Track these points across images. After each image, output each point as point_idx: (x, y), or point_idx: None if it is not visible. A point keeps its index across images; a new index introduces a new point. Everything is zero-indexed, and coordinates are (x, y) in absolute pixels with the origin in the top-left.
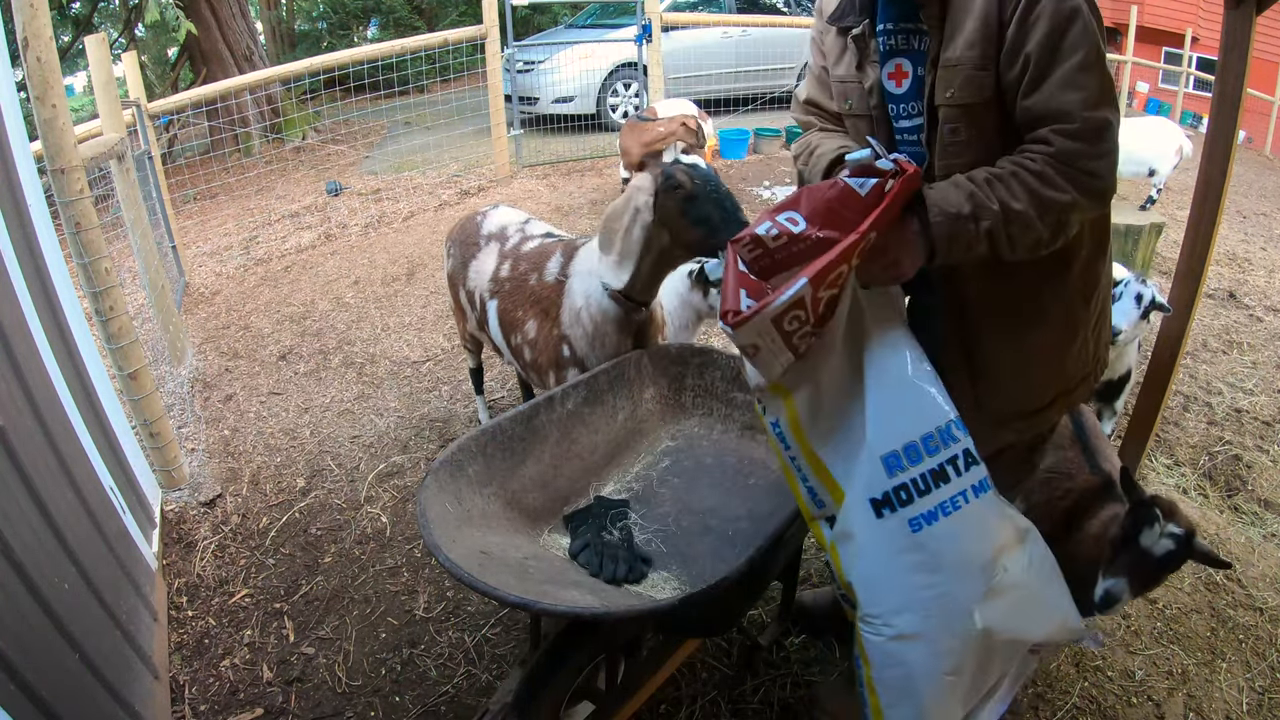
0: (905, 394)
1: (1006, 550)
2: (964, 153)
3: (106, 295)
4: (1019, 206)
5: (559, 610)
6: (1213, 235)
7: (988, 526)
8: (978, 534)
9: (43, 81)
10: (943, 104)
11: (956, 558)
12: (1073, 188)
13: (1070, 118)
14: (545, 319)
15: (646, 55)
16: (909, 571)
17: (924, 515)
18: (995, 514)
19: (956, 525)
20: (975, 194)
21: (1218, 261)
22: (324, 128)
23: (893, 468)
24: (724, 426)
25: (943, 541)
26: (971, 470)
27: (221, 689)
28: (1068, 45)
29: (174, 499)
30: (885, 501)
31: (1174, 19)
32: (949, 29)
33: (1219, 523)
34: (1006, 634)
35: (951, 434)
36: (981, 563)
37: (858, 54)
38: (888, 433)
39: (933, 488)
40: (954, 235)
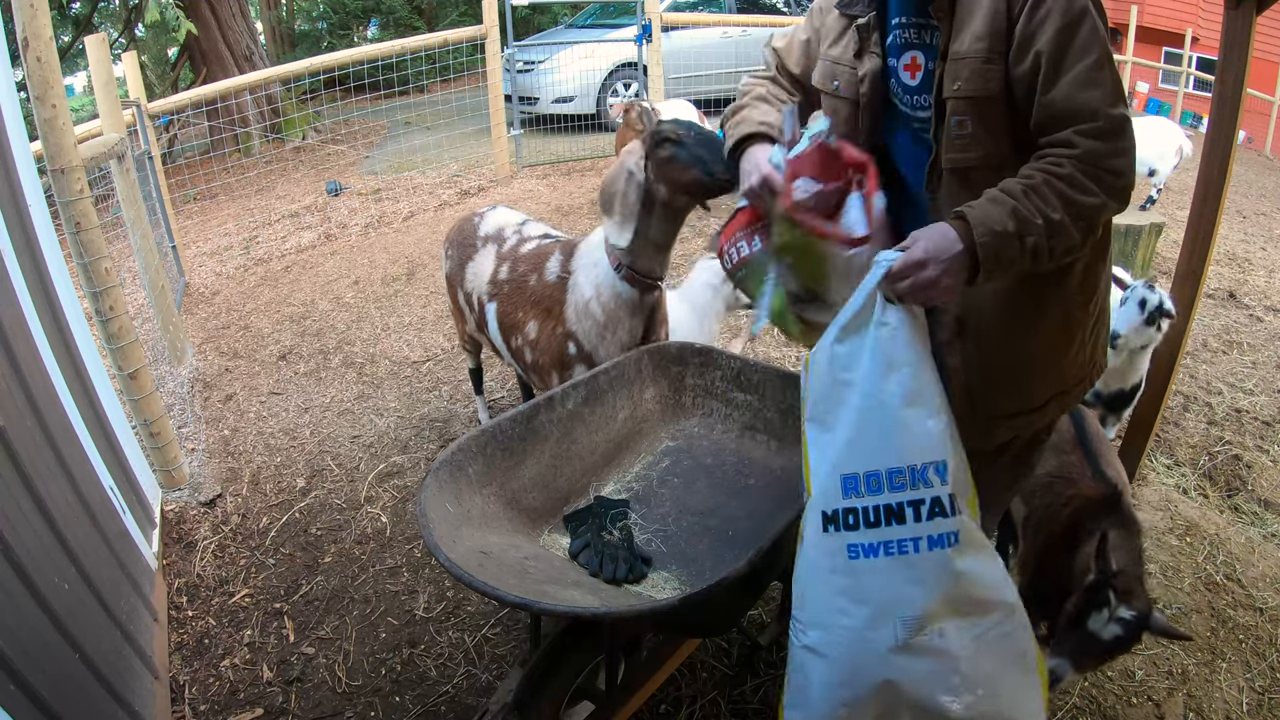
0: (889, 421)
1: (951, 616)
2: (971, 146)
3: (106, 295)
4: (1058, 217)
5: (559, 610)
6: (1213, 235)
7: (930, 581)
8: (914, 585)
9: (43, 81)
10: (950, 96)
11: (881, 599)
12: (1101, 190)
13: (1095, 116)
14: (547, 319)
15: (646, 55)
16: (833, 593)
17: (865, 546)
18: (947, 573)
19: (894, 569)
20: (1018, 209)
21: (1218, 261)
22: (324, 128)
23: (848, 489)
24: (724, 427)
25: (873, 578)
26: (936, 520)
27: (221, 689)
28: (1079, 43)
29: (174, 499)
30: (833, 518)
31: (1174, 19)
32: (958, 22)
33: (1219, 523)
34: (917, 699)
35: (926, 478)
36: (907, 616)
37: (858, 42)
38: (856, 453)
39: (882, 523)
40: (1000, 255)
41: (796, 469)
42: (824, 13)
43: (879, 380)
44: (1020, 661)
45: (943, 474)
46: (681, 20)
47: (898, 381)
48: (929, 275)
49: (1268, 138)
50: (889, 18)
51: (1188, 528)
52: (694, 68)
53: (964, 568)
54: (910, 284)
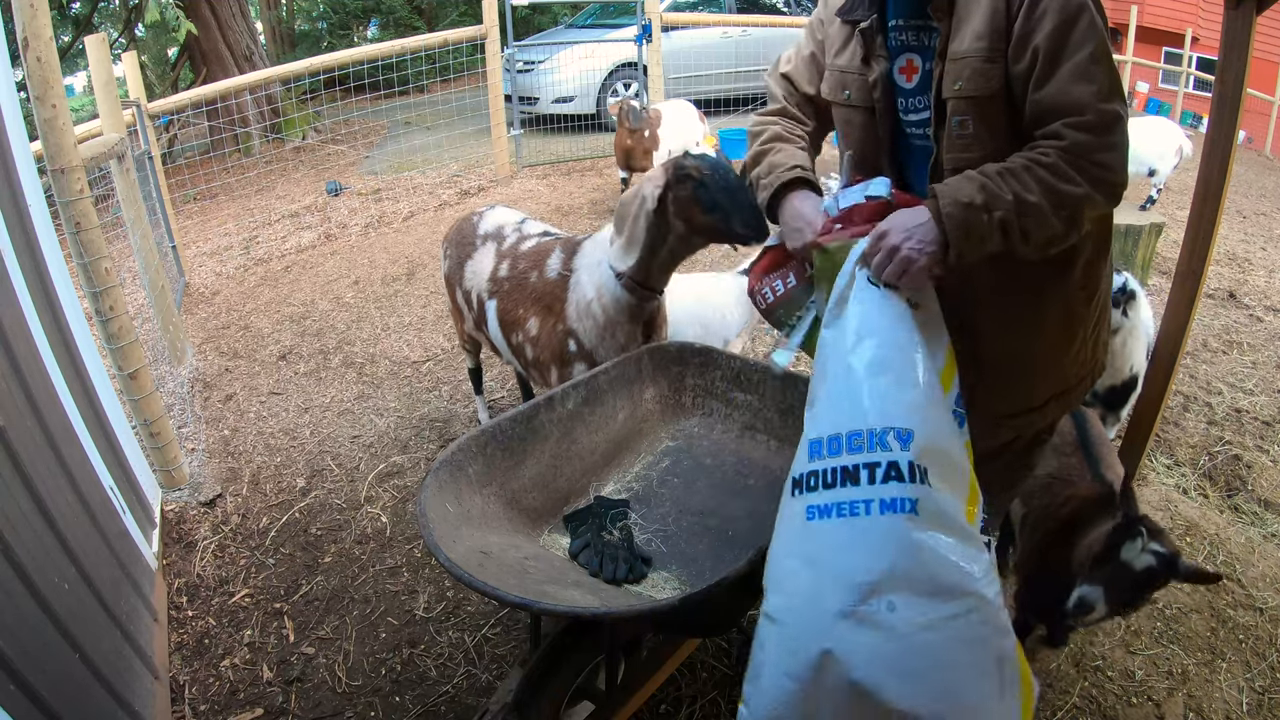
0: (853, 387)
1: (904, 590)
2: (972, 146)
3: (106, 295)
4: (1032, 199)
5: (559, 610)
6: (1213, 235)
7: (880, 547)
8: (863, 550)
9: (43, 81)
10: (951, 96)
11: (832, 561)
12: (1085, 181)
13: (1083, 110)
14: (548, 315)
15: (646, 55)
16: (790, 555)
17: (820, 508)
18: (901, 541)
19: (844, 531)
20: (987, 185)
21: (1218, 261)
22: (324, 128)
23: (814, 453)
24: (724, 426)
25: (826, 539)
26: (890, 484)
27: (221, 689)
28: (1076, 38)
29: (174, 499)
30: (799, 482)
31: (1174, 19)
32: (957, 22)
33: (1219, 523)
34: (861, 680)
35: (885, 442)
36: (855, 581)
37: (864, 47)
38: (822, 419)
39: (837, 484)
40: (967, 224)
41: None
42: (825, 24)
43: (847, 350)
44: (991, 668)
45: (904, 441)
46: (681, 20)
47: (864, 349)
48: (893, 242)
49: (1268, 138)
50: (890, 21)
51: (1188, 528)
52: (694, 68)
53: (923, 540)
54: (881, 256)
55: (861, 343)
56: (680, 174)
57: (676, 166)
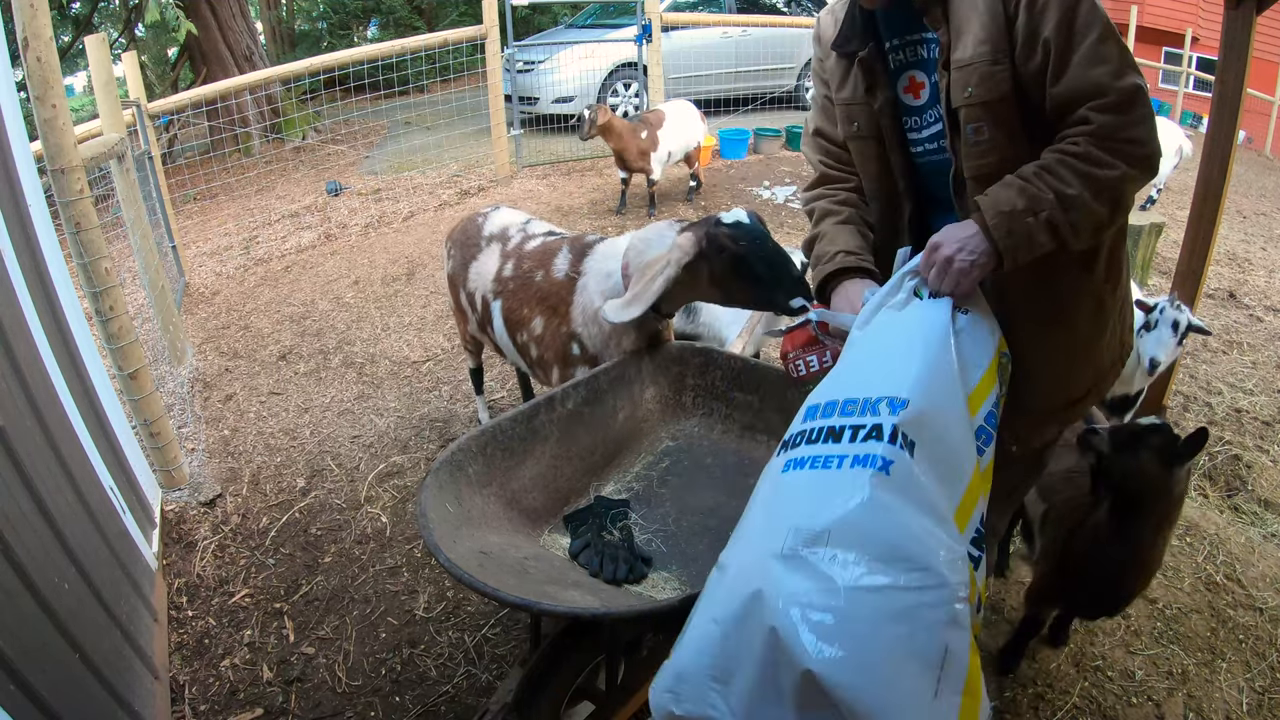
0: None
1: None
2: (989, 152)
3: (106, 295)
4: (1073, 191)
5: (559, 610)
6: (1213, 235)
7: (841, 498)
8: (824, 500)
9: (43, 81)
10: (962, 104)
11: (791, 509)
12: (1120, 160)
13: (1104, 91)
14: (553, 316)
15: (646, 55)
16: (756, 507)
17: (797, 460)
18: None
19: (813, 482)
20: (1026, 188)
21: (1218, 261)
22: (324, 128)
23: (808, 416)
24: (724, 426)
25: (793, 490)
26: (868, 443)
27: (221, 689)
28: (1081, 24)
29: (174, 499)
30: (786, 442)
31: (1174, 19)
32: (955, 29)
33: (1219, 523)
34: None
35: (876, 409)
36: (803, 525)
37: (865, 77)
38: (824, 388)
39: (820, 441)
40: (1013, 232)
41: None
42: (824, 61)
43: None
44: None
45: (896, 407)
46: (681, 20)
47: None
48: (946, 254)
49: (1268, 138)
50: (885, 43)
51: (1188, 528)
52: (694, 68)
53: (888, 501)
54: (936, 270)
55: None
56: (715, 246)
57: (710, 238)
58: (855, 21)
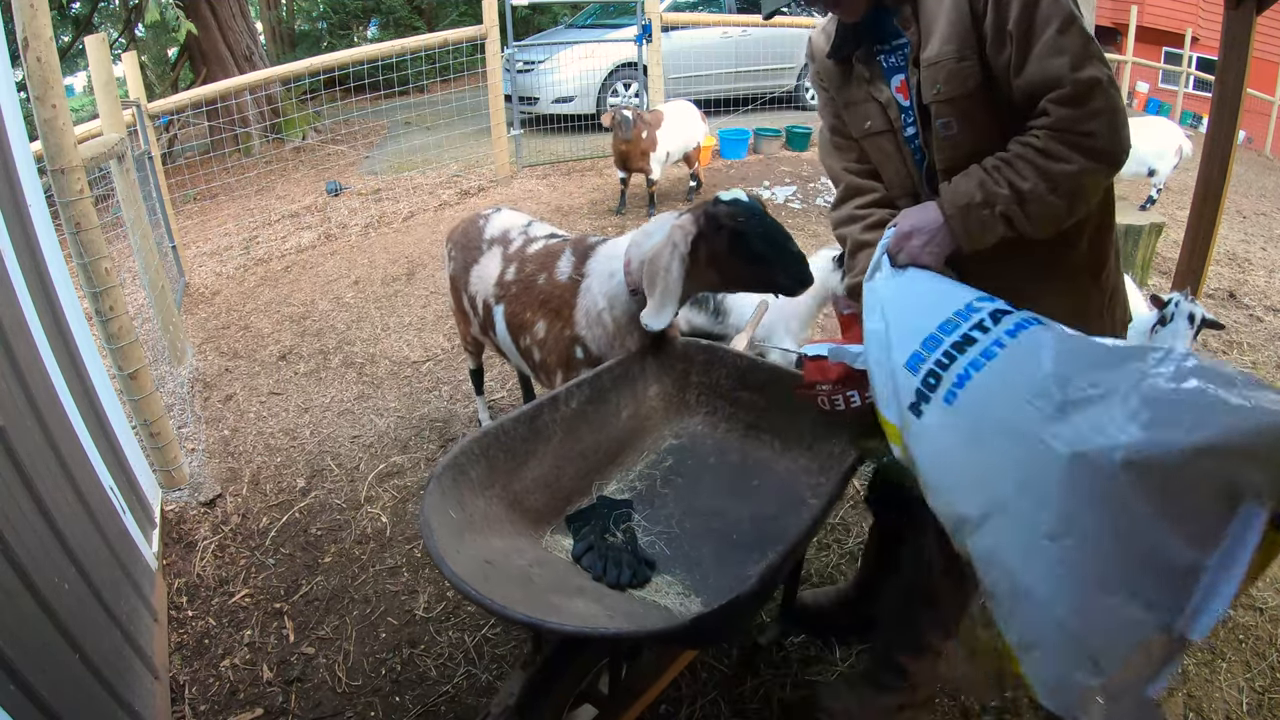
0: (919, 299)
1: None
2: (959, 145)
3: (106, 295)
4: (1027, 185)
5: (566, 630)
6: (1213, 235)
7: (1035, 354)
8: (1023, 364)
9: (43, 81)
10: (932, 101)
11: (1003, 398)
12: (1077, 154)
13: (1060, 82)
14: (556, 319)
15: (646, 55)
16: (961, 448)
17: (955, 382)
18: (1056, 339)
19: (993, 370)
20: (985, 181)
21: (1218, 261)
22: (324, 128)
23: (915, 366)
24: (728, 425)
25: (981, 394)
26: (1003, 320)
27: (221, 689)
28: (1042, 16)
29: (174, 499)
30: (919, 399)
31: (1174, 19)
32: (924, 29)
33: None
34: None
35: (972, 308)
36: (1036, 389)
37: (867, 71)
38: (905, 340)
39: (957, 357)
40: (969, 222)
41: (801, 471)
42: (823, 74)
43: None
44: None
45: (986, 299)
46: (681, 20)
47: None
48: (916, 245)
49: (1268, 138)
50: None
51: None
52: (694, 68)
53: (1067, 333)
54: (905, 253)
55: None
56: (714, 224)
57: (709, 216)
58: (846, 32)
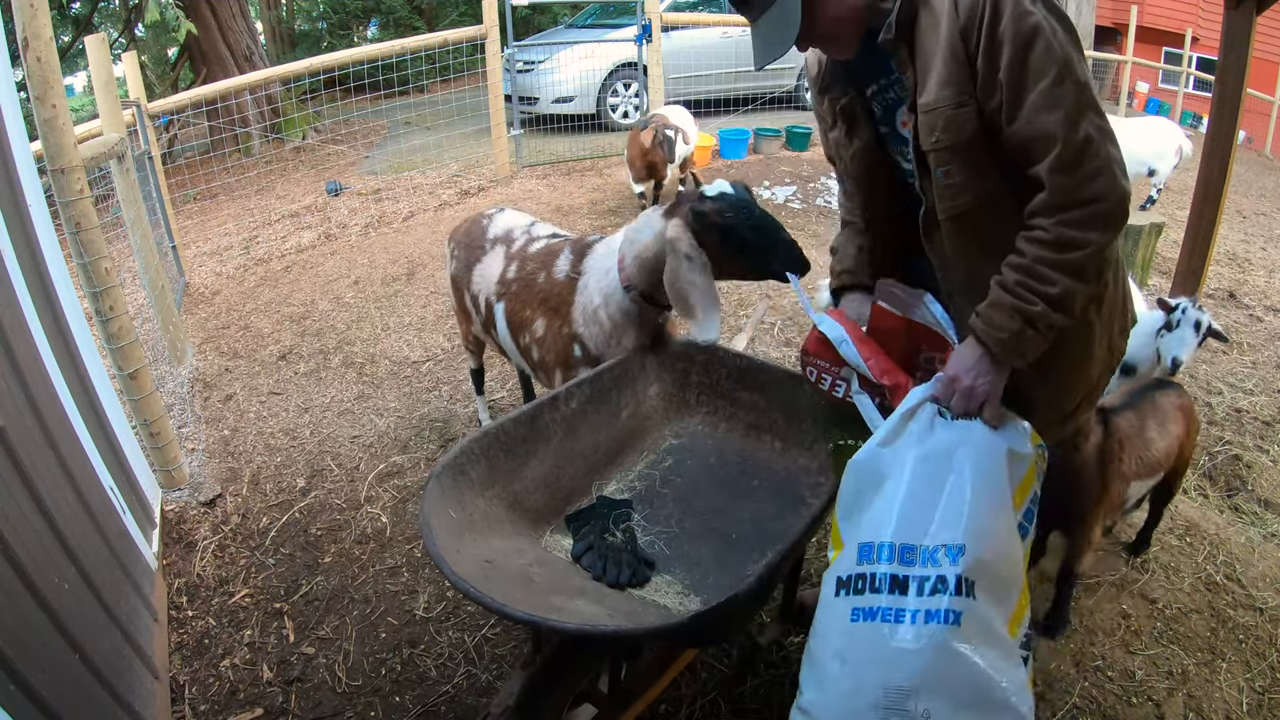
0: (912, 502)
1: (942, 699)
2: (962, 193)
3: (106, 295)
4: (1057, 290)
5: (567, 629)
6: (1213, 235)
7: (919, 655)
8: (903, 655)
9: (43, 81)
10: (931, 149)
11: (871, 662)
12: (1091, 230)
13: (1053, 141)
14: (554, 317)
15: (646, 55)
16: (831, 655)
17: (865, 610)
18: (940, 650)
19: (885, 634)
20: (1017, 306)
21: (1218, 261)
22: (324, 128)
23: (864, 557)
24: (728, 425)
25: (867, 641)
26: (935, 596)
27: (221, 689)
28: (1034, 65)
29: (174, 499)
30: (845, 583)
31: (1174, 19)
32: (921, 71)
33: (1219, 523)
34: None
35: (935, 558)
36: (893, 684)
37: (845, 122)
38: (878, 525)
39: (884, 591)
40: (1019, 349)
41: (801, 471)
42: (818, 100)
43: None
44: None
45: (954, 555)
46: (681, 20)
47: (928, 472)
48: (966, 385)
49: (1268, 138)
50: (867, 88)
51: (1188, 528)
52: (694, 68)
53: (964, 652)
54: (957, 399)
55: (928, 471)
56: (703, 222)
57: (697, 214)
58: (837, 68)
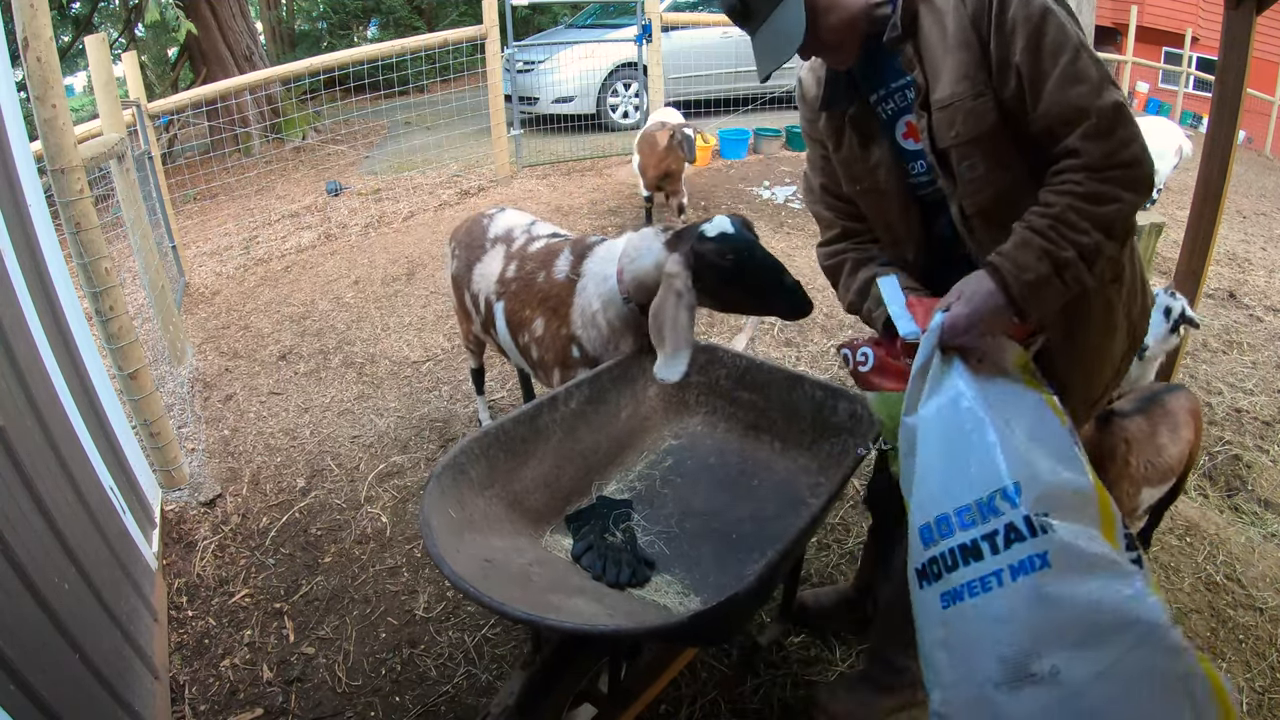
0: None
1: (1062, 648)
2: (986, 186)
3: (106, 295)
4: (1089, 240)
5: (565, 627)
6: (1213, 235)
7: (1023, 614)
8: (1006, 620)
9: (43, 81)
10: (951, 144)
11: (977, 641)
12: (1121, 189)
13: (1086, 113)
14: (553, 317)
15: (646, 55)
16: (936, 647)
17: (951, 592)
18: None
19: (983, 607)
20: (1049, 250)
21: (1218, 261)
22: (324, 128)
23: (927, 540)
24: (728, 426)
25: (966, 621)
26: (1014, 548)
27: (221, 689)
28: (1050, 45)
29: (174, 499)
30: (923, 573)
31: (1174, 19)
32: (930, 69)
33: (1219, 523)
34: None
35: (995, 507)
36: (1005, 653)
37: (858, 133)
38: (925, 502)
39: (960, 564)
40: (1040, 297)
41: (801, 471)
42: (815, 122)
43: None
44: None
45: (1013, 497)
46: (681, 20)
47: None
48: (976, 334)
49: (1268, 138)
50: (870, 96)
51: (1188, 528)
52: (694, 68)
53: (1066, 591)
54: (961, 343)
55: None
56: (703, 264)
57: (697, 255)
58: (838, 81)
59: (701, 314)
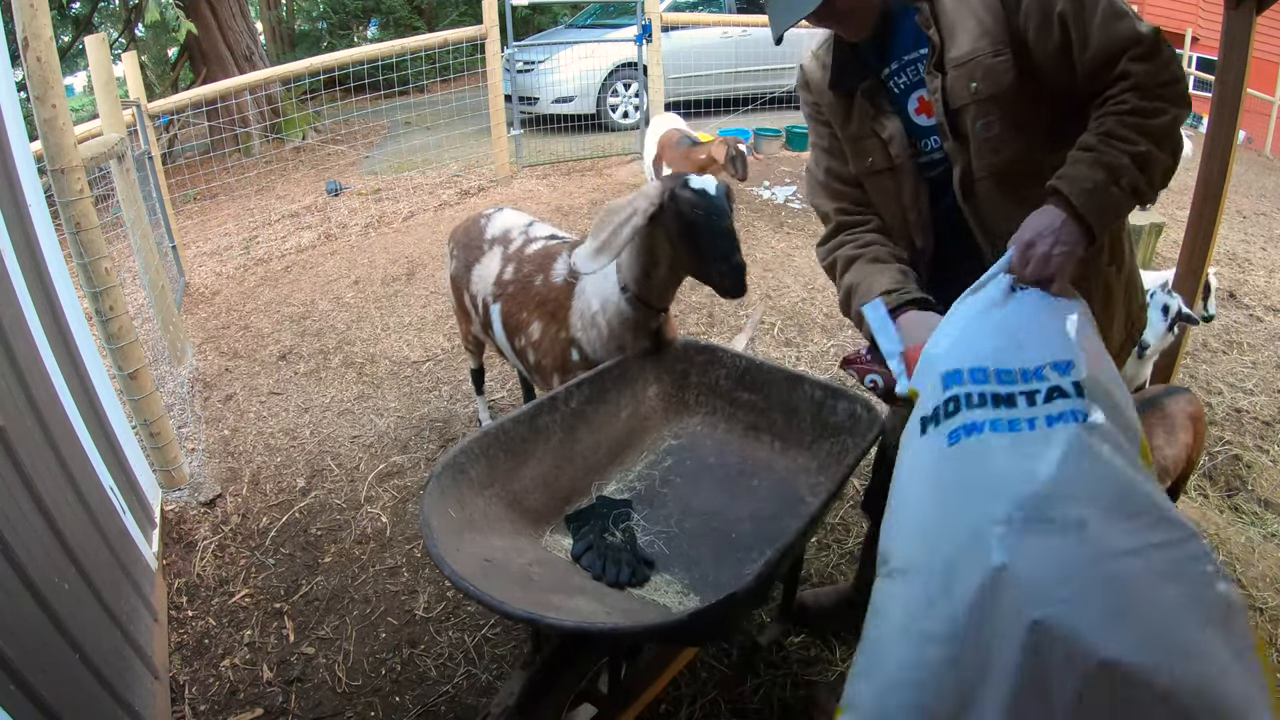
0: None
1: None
2: (1003, 146)
3: (106, 295)
4: (1143, 148)
5: (565, 626)
6: (1213, 235)
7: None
8: (1032, 459)
9: (43, 81)
10: (970, 101)
11: (990, 476)
12: (1167, 103)
13: (1136, 40)
14: (551, 321)
15: (646, 55)
16: (930, 491)
17: (968, 425)
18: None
19: (1005, 445)
20: (1100, 157)
21: (1218, 261)
22: (324, 128)
23: (949, 383)
24: (727, 426)
25: (978, 455)
26: (1055, 402)
27: (221, 689)
28: None
29: (174, 499)
30: (932, 416)
31: (1174, 19)
32: (947, 29)
33: (1219, 523)
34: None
35: (1042, 374)
36: (1024, 491)
37: (871, 107)
38: (963, 350)
39: (989, 405)
40: (1103, 206)
41: (800, 470)
42: (819, 105)
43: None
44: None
45: (1064, 370)
46: (681, 20)
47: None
48: (1042, 250)
49: (1268, 138)
50: (882, 71)
51: None
52: (694, 68)
53: (1104, 451)
54: (1032, 266)
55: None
56: (674, 206)
57: (673, 195)
58: (846, 59)
59: (702, 314)
